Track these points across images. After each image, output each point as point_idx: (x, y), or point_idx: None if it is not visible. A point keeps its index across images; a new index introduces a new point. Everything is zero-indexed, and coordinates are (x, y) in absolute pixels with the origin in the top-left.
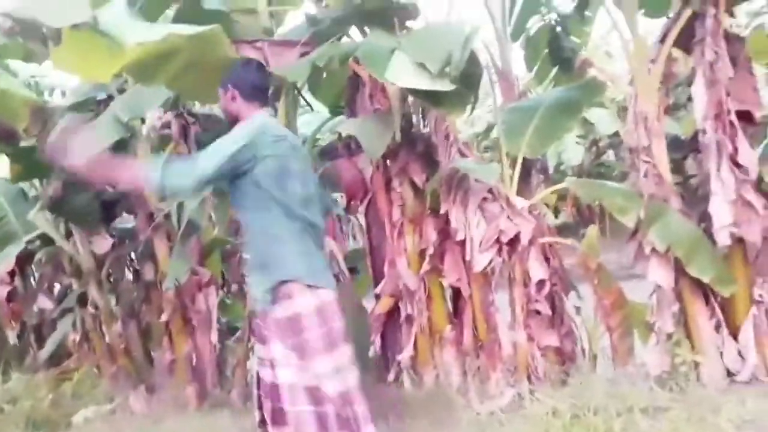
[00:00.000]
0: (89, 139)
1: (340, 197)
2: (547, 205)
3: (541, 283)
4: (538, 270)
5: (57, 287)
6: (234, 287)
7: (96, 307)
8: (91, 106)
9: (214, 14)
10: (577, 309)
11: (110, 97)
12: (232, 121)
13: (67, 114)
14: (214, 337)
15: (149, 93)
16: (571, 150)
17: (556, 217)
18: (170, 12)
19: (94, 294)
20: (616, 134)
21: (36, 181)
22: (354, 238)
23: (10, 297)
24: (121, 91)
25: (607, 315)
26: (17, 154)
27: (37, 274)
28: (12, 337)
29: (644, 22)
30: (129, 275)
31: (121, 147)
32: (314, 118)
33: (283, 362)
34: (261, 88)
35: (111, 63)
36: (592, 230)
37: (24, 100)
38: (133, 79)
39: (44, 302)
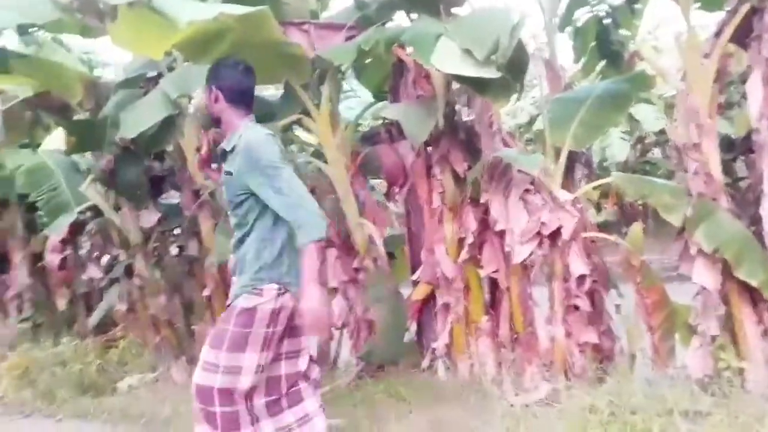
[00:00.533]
0: (140, 115)
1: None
2: (589, 201)
3: (581, 279)
4: (579, 265)
5: (106, 258)
6: None
7: (142, 279)
8: (141, 83)
9: None
10: (617, 307)
11: (160, 75)
12: (216, 121)
13: (119, 89)
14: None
15: (197, 71)
16: (616, 146)
17: (597, 213)
18: None
19: (140, 266)
20: (663, 132)
21: (88, 154)
22: (391, 226)
23: (62, 265)
24: (171, 69)
25: (649, 314)
26: (72, 127)
27: (87, 244)
28: (62, 304)
29: (698, 16)
30: (173, 250)
31: (168, 124)
32: (356, 103)
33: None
34: (247, 92)
35: (163, 40)
36: (637, 227)
37: (78, 75)
38: (183, 56)
39: (93, 271)
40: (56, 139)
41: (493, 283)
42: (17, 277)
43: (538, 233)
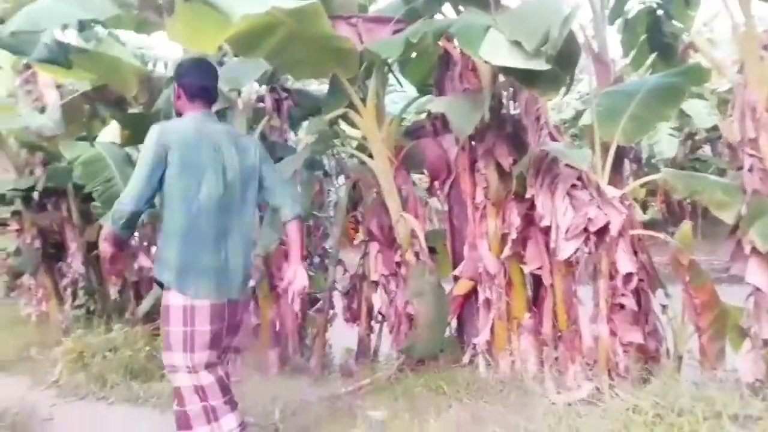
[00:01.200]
0: None
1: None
2: (635, 199)
3: (628, 277)
4: (626, 263)
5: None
6: (316, 259)
7: None
8: None
9: None
10: (664, 308)
11: None
12: (178, 115)
13: (171, 84)
14: (297, 305)
15: (248, 66)
16: (665, 142)
17: (644, 212)
18: None
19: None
20: (715, 128)
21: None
22: (430, 221)
23: (114, 257)
24: (221, 64)
25: (698, 315)
26: (126, 120)
27: (138, 234)
28: (113, 292)
29: (758, 6)
30: None
31: (219, 118)
32: (400, 97)
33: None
34: (206, 89)
35: (217, 35)
36: (686, 225)
37: (134, 70)
38: (234, 50)
39: (144, 261)
40: (112, 132)
41: (537, 280)
42: (72, 265)
43: (585, 229)
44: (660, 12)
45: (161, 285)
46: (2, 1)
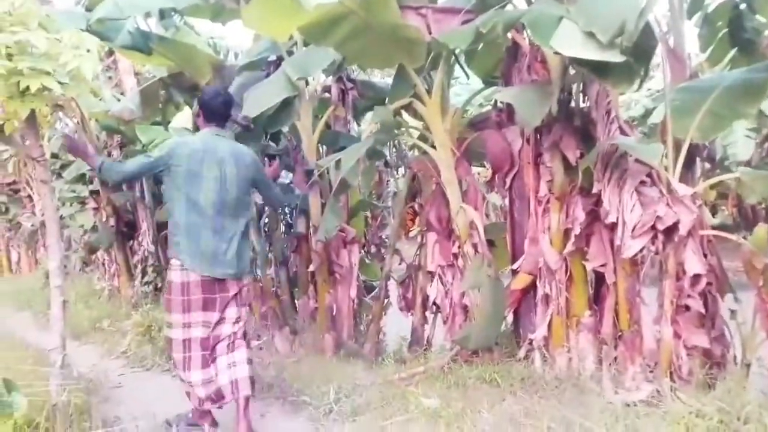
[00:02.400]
0: (262, 95)
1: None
2: (704, 203)
3: (696, 278)
4: (694, 263)
5: None
6: (373, 248)
7: (253, 253)
8: (263, 66)
9: None
10: (733, 313)
11: (280, 59)
12: (196, 129)
13: (242, 72)
14: (354, 291)
15: (317, 55)
16: (740, 144)
17: (713, 216)
18: None
19: (253, 239)
20: None
21: None
22: (488, 216)
23: None
24: (290, 53)
25: None
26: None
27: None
28: None
29: None
30: (282, 227)
31: (287, 105)
32: (464, 89)
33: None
34: (219, 113)
35: (290, 22)
36: (762, 228)
37: (208, 58)
38: (306, 39)
39: None
40: (184, 117)
41: (599, 278)
42: (143, 244)
43: (653, 227)
44: (743, 6)
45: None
46: None
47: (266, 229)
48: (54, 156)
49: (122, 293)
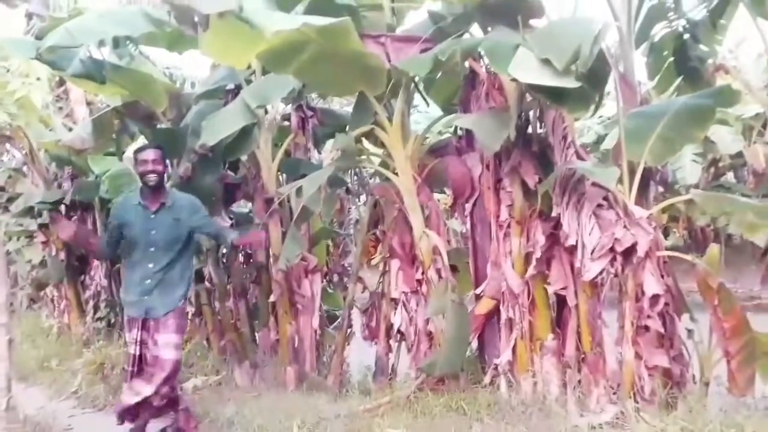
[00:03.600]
0: (220, 123)
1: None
2: (657, 225)
3: (654, 299)
4: (653, 284)
5: None
6: (335, 277)
7: (212, 283)
8: (220, 95)
9: (344, 8)
10: (690, 333)
11: (239, 87)
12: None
13: (200, 100)
14: (316, 322)
15: (277, 83)
16: (688, 168)
17: (665, 238)
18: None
19: (210, 271)
20: (739, 155)
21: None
22: (448, 242)
23: None
24: (249, 82)
25: (726, 339)
26: (155, 135)
27: None
28: None
29: None
30: (241, 257)
31: (246, 134)
32: (423, 117)
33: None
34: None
35: (249, 50)
36: (714, 248)
37: (164, 86)
38: (265, 66)
39: None
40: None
41: (561, 301)
42: (95, 278)
43: (611, 249)
44: (686, 36)
45: None
46: (39, 20)
47: (224, 260)
48: (0, 189)
49: (72, 330)
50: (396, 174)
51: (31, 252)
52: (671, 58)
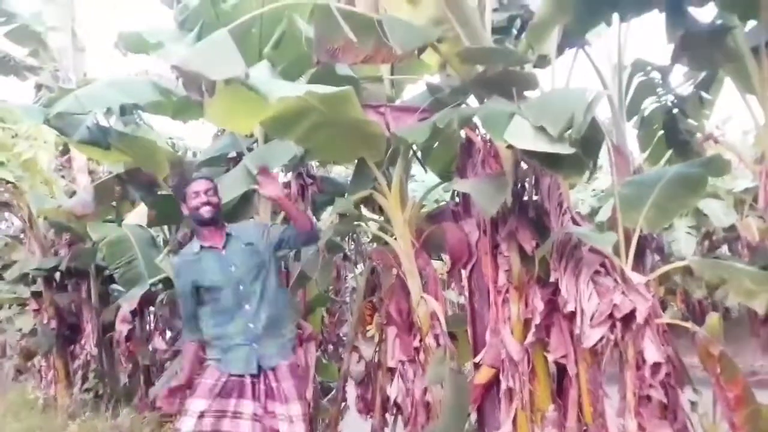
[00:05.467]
0: (221, 189)
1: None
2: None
3: (656, 367)
4: (653, 352)
5: (168, 333)
6: (330, 347)
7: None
8: (222, 163)
9: (345, 79)
10: (693, 404)
11: (240, 156)
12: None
13: (201, 168)
14: (310, 394)
15: (279, 150)
16: (683, 241)
17: (663, 311)
18: (304, 78)
19: None
20: (732, 228)
21: (166, 228)
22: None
23: (129, 336)
24: (250, 150)
25: (731, 410)
26: (155, 201)
27: (153, 316)
28: (124, 377)
29: None
30: None
31: (245, 200)
32: (419, 186)
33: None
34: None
35: (253, 116)
36: (714, 316)
37: (167, 154)
38: (268, 132)
39: (159, 343)
40: (139, 214)
41: (561, 369)
42: (86, 347)
43: (610, 316)
44: (675, 110)
45: None
46: (47, 91)
47: None
48: None
49: (59, 402)
50: (394, 238)
51: (23, 320)
52: (661, 131)
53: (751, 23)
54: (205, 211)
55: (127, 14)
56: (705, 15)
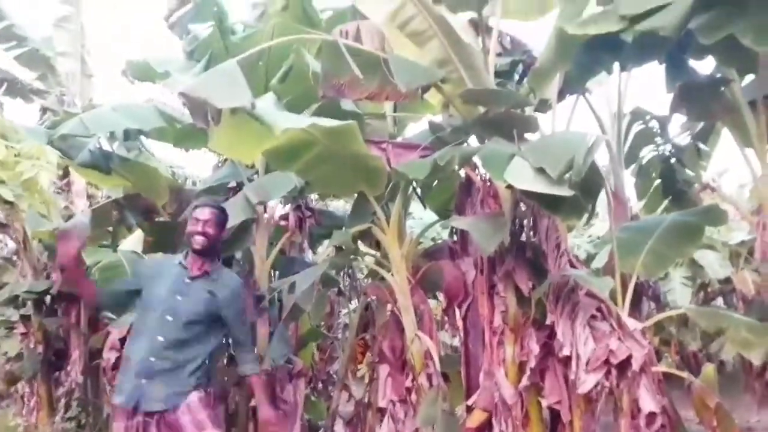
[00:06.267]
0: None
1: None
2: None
3: (651, 417)
4: (648, 401)
5: None
6: (320, 385)
7: None
8: (221, 192)
9: (350, 114)
10: None
11: (240, 185)
12: (209, 249)
13: (200, 196)
14: (298, 430)
15: (279, 181)
16: (678, 292)
17: (658, 362)
18: (308, 111)
19: None
20: (728, 280)
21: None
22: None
23: (116, 364)
24: (251, 180)
25: None
26: (152, 228)
27: None
28: (108, 407)
29: None
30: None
31: (243, 230)
32: (416, 224)
33: None
34: None
35: (257, 146)
36: (710, 367)
37: (167, 181)
38: (270, 163)
39: None
40: (135, 240)
41: (555, 415)
42: (71, 374)
43: (606, 362)
44: (673, 160)
45: None
46: (52, 114)
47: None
48: None
49: (39, 430)
50: (391, 274)
51: (9, 344)
52: (659, 180)
53: (749, 77)
54: (196, 242)
55: (137, 42)
56: (704, 67)
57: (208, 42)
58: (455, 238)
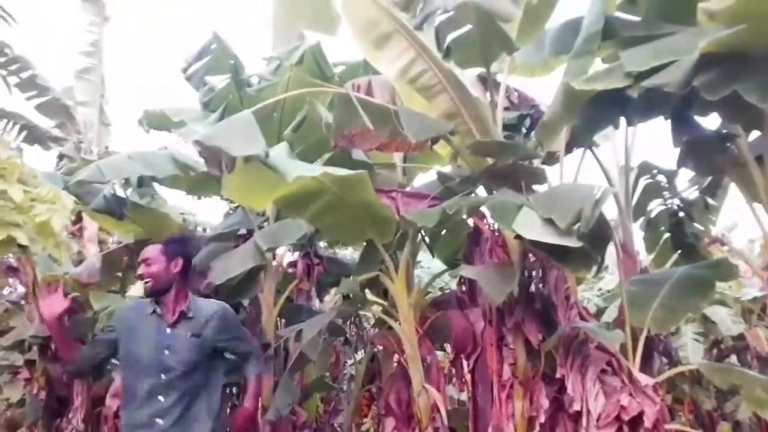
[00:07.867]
0: (230, 264)
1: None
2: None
3: None
4: None
5: None
6: None
7: None
8: (231, 239)
9: (360, 164)
10: None
11: (250, 233)
12: (163, 289)
13: (211, 243)
14: None
15: (288, 229)
16: (690, 348)
17: (671, 420)
18: (320, 160)
19: None
20: (741, 337)
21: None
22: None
23: (118, 412)
24: (261, 227)
25: None
26: None
27: None
28: None
29: None
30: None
31: (252, 277)
32: (424, 273)
33: None
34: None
35: (269, 193)
36: (725, 425)
37: (179, 227)
38: (281, 211)
39: None
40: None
41: None
42: (72, 422)
43: (617, 418)
44: (681, 214)
45: None
46: (68, 161)
47: None
48: None
49: None
50: (398, 323)
51: (12, 389)
52: (667, 234)
53: (756, 133)
54: (144, 288)
55: (154, 94)
56: (711, 122)
57: (224, 93)
58: (463, 287)
